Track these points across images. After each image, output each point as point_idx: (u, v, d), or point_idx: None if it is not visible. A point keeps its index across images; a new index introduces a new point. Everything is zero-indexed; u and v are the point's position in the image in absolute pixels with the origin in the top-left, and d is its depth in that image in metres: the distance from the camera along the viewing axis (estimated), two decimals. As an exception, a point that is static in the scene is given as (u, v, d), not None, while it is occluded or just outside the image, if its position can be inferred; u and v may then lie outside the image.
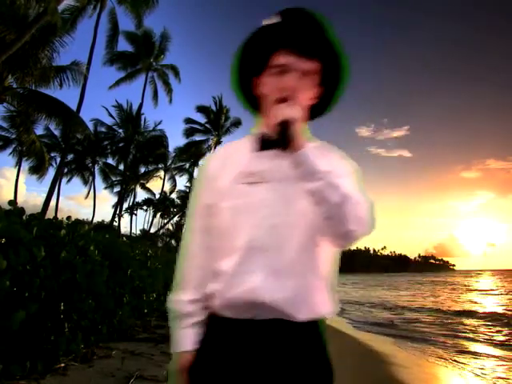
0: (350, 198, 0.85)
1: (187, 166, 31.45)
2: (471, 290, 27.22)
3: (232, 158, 1.01)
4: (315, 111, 1.05)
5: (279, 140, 0.90)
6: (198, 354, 0.95)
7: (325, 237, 0.92)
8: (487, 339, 7.80)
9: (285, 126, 0.88)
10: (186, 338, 0.97)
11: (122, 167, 27.43)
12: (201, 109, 29.63)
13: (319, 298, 0.94)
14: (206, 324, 0.97)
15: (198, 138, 29.86)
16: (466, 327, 9.42)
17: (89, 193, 28.75)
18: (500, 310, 13.75)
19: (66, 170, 26.63)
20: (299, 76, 0.94)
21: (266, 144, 0.98)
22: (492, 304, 16.19)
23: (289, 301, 0.88)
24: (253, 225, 0.91)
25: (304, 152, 0.87)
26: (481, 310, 13.34)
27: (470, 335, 8.23)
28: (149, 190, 33.00)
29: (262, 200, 0.93)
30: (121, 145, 27.86)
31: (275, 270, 0.89)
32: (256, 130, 1.04)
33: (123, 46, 33.97)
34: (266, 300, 0.87)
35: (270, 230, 0.91)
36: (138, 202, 34.57)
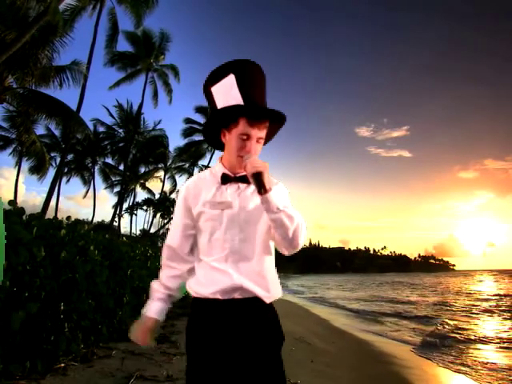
0: (300, 223, 1.29)
1: (187, 165, 31.45)
2: (472, 292, 27.18)
3: (202, 189, 1.38)
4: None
5: (257, 188, 1.24)
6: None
7: (277, 246, 1.36)
8: (488, 340, 7.80)
9: (258, 177, 1.23)
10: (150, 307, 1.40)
11: (122, 167, 27.43)
12: (199, 109, 29.59)
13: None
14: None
15: (197, 138, 29.80)
16: (468, 328, 9.42)
17: (87, 192, 28.75)
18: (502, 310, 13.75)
19: (65, 170, 26.62)
20: (256, 141, 1.35)
21: (227, 180, 1.38)
22: (492, 304, 16.19)
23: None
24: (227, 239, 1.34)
25: (269, 195, 1.24)
26: (482, 309, 13.36)
27: (473, 336, 8.22)
28: (149, 190, 32.97)
29: (232, 221, 1.34)
30: (121, 145, 27.85)
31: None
32: (218, 164, 1.43)
33: (123, 45, 33.99)
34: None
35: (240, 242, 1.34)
36: (137, 202, 34.50)
